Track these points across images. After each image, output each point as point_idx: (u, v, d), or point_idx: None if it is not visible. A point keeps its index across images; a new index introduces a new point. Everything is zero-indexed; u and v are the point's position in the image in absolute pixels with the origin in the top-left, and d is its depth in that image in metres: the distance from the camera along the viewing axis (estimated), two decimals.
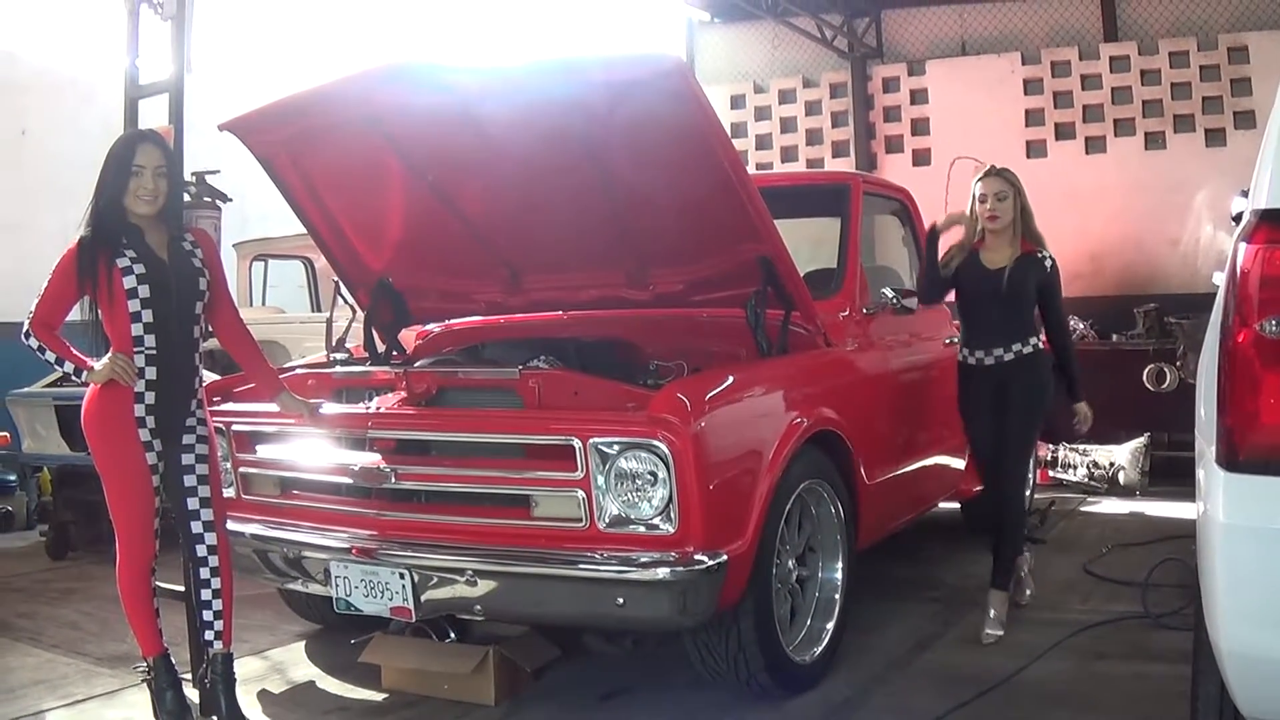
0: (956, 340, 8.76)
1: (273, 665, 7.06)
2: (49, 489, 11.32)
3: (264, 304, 13.38)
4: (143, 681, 5.96)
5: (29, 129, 14.22)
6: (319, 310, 12.73)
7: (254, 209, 9.84)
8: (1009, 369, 7.29)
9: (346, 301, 7.76)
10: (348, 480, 6.10)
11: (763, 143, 16.92)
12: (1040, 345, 7.37)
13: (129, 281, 5.52)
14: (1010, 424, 7.35)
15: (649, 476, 5.32)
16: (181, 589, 6.42)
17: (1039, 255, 7.39)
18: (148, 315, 5.55)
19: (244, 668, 6.41)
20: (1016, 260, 7.30)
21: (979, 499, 8.79)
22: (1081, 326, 14.18)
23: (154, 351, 5.58)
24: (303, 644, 7.43)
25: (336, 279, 7.79)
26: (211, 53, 14.36)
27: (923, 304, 7.95)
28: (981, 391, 7.41)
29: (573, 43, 19.95)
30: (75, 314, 5.74)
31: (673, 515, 5.30)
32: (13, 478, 11.94)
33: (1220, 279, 3.97)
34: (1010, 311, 7.30)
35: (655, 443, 5.26)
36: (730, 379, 5.81)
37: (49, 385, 10.47)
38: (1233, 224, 5.27)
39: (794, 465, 5.94)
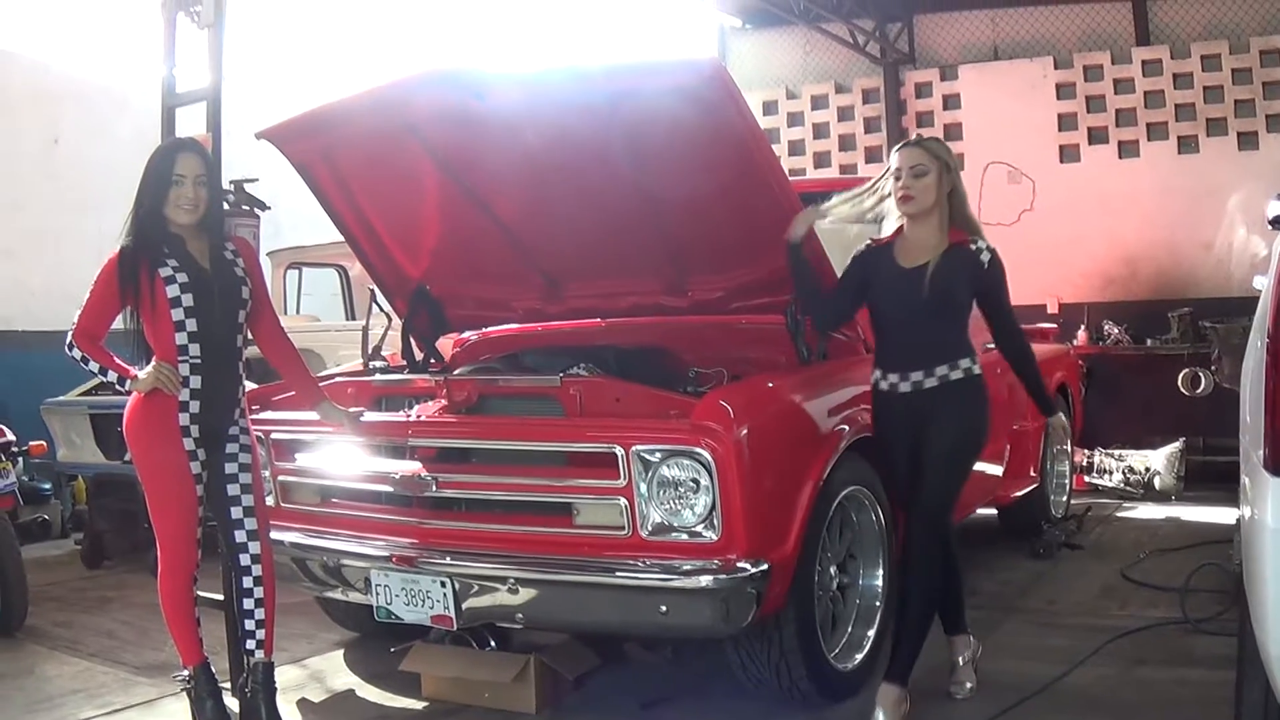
0: (993, 347, 8.76)
1: (312, 674, 7.07)
2: (84, 497, 11.33)
3: (298, 312, 13.39)
4: (182, 690, 5.96)
5: (62, 138, 14.26)
6: (353, 318, 12.73)
7: (287, 217, 9.87)
8: (932, 400, 5.86)
9: (382, 309, 7.75)
10: (388, 488, 6.11)
11: (795, 148, 16.90)
12: (976, 370, 5.93)
13: (172, 291, 5.52)
14: (926, 473, 5.94)
15: (691, 484, 5.31)
16: (221, 598, 6.42)
17: (972, 246, 5.89)
18: (191, 324, 5.55)
19: (283, 676, 6.39)
20: (942, 255, 5.86)
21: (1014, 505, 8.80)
22: (1116, 331, 14.16)
23: (198, 360, 5.59)
24: (341, 652, 7.43)
25: (372, 287, 7.79)
26: (246, 60, 14.38)
27: (826, 331, 6.55)
28: (898, 428, 5.99)
29: (607, 50, 19.96)
30: (117, 323, 5.74)
31: (715, 523, 5.30)
32: (48, 486, 11.97)
33: (1262, 283, 3.95)
34: (934, 322, 5.87)
35: (698, 450, 5.25)
36: (771, 386, 5.81)
37: (84, 394, 10.48)
38: (1269, 227, 5.24)
39: (836, 472, 5.92)
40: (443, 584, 5.74)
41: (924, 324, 5.87)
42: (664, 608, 5.29)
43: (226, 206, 6.71)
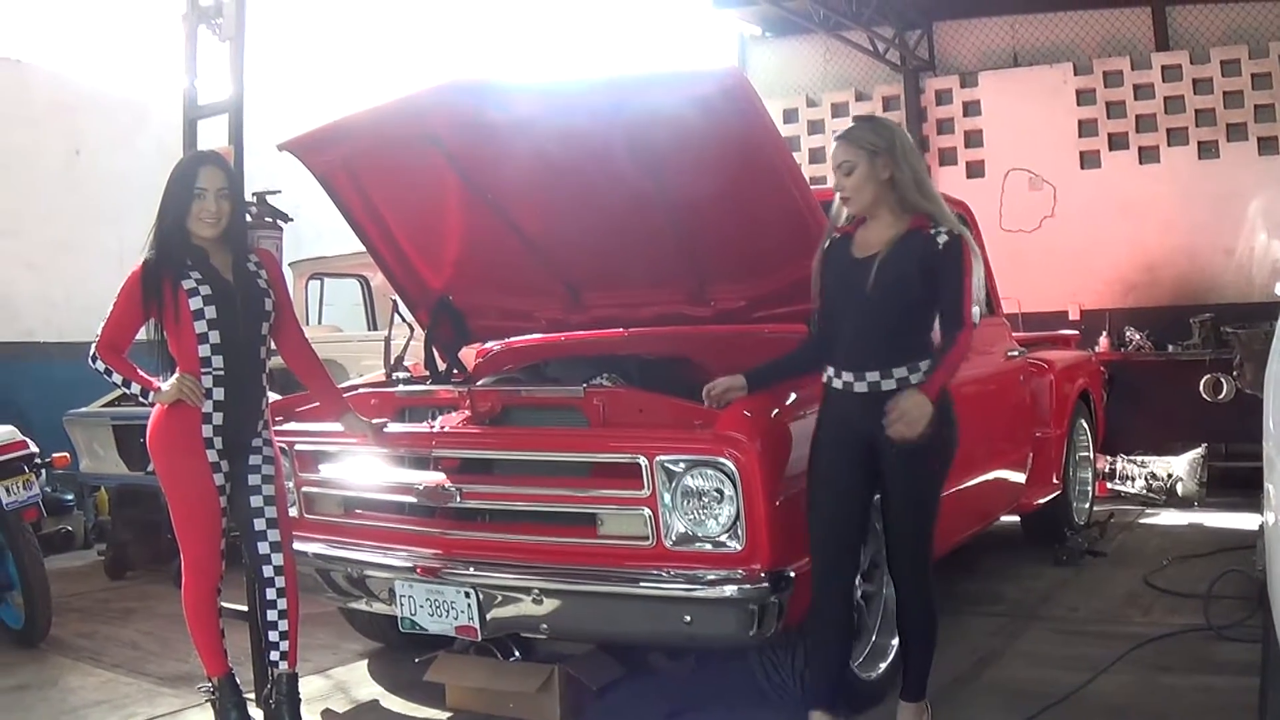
0: (1015, 355, 8.75)
1: (336, 684, 7.08)
2: (107, 508, 11.34)
3: (320, 323, 13.41)
4: (206, 701, 6.00)
5: (82, 149, 14.29)
6: (375, 328, 12.76)
7: (309, 228, 9.88)
8: (882, 405, 5.23)
9: (404, 319, 7.77)
10: (412, 499, 6.11)
11: (816, 156, 16.84)
12: None
13: (195, 303, 5.54)
14: (893, 501, 5.47)
15: (715, 494, 5.31)
16: (245, 609, 6.43)
17: (931, 230, 5.31)
18: (215, 336, 5.58)
19: (307, 687, 6.39)
20: (894, 243, 5.36)
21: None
22: (1137, 337, 14.13)
23: (221, 372, 5.61)
24: (365, 663, 7.45)
25: (394, 297, 7.79)
26: (267, 72, 14.42)
27: None
28: (848, 430, 5.40)
29: (628, 60, 19.98)
30: (140, 334, 5.76)
31: (740, 533, 5.30)
32: (71, 497, 11.97)
33: None
34: (887, 317, 5.34)
35: (722, 460, 5.25)
36: (794, 395, 5.78)
37: (106, 405, 10.51)
38: None
39: None
40: (467, 595, 5.75)
41: (876, 319, 5.35)
42: (688, 618, 5.29)
43: (249, 218, 6.71)
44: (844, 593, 5.48)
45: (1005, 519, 9.26)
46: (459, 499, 5.90)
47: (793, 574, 5.36)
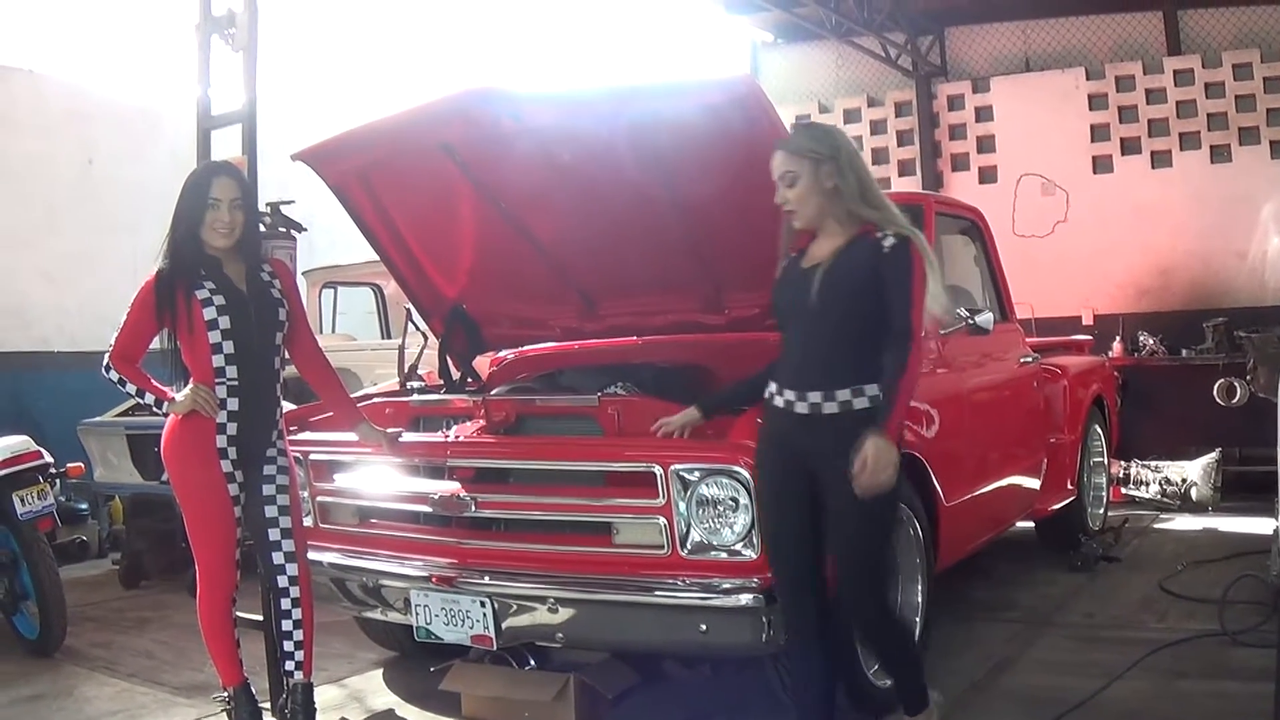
0: (1029, 360, 8.74)
1: (351, 693, 7.08)
2: (121, 517, 11.35)
3: (334, 331, 13.41)
4: (222, 711, 6.01)
5: (97, 159, 14.34)
6: (388, 337, 12.76)
7: (322, 236, 9.89)
8: (833, 432, 4.96)
9: (418, 328, 7.77)
10: (427, 509, 6.12)
11: None
12: None
13: (209, 313, 5.55)
14: (837, 522, 5.06)
15: (730, 502, 5.32)
16: (260, 618, 6.43)
17: (877, 234, 5.01)
18: (229, 346, 5.59)
19: (322, 696, 6.40)
20: (839, 252, 5.08)
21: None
22: (1151, 342, 14.11)
23: (235, 382, 5.62)
24: (380, 672, 7.45)
25: (408, 306, 7.80)
26: (280, 81, 14.44)
27: None
28: (785, 451, 5.15)
29: (641, 67, 20.01)
30: (154, 343, 5.78)
31: (755, 541, 5.31)
32: (85, 506, 12.00)
33: None
34: (830, 333, 5.04)
35: (737, 469, 5.25)
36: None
37: (121, 414, 10.52)
38: None
39: None
40: (482, 604, 5.76)
41: (819, 333, 5.06)
42: (704, 626, 5.30)
43: (263, 228, 6.72)
44: (813, 607, 5.19)
45: (1020, 525, 9.23)
46: (474, 508, 5.91)
47: None
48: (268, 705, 6.14)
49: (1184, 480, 12.40)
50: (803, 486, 5.09)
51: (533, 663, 6.36)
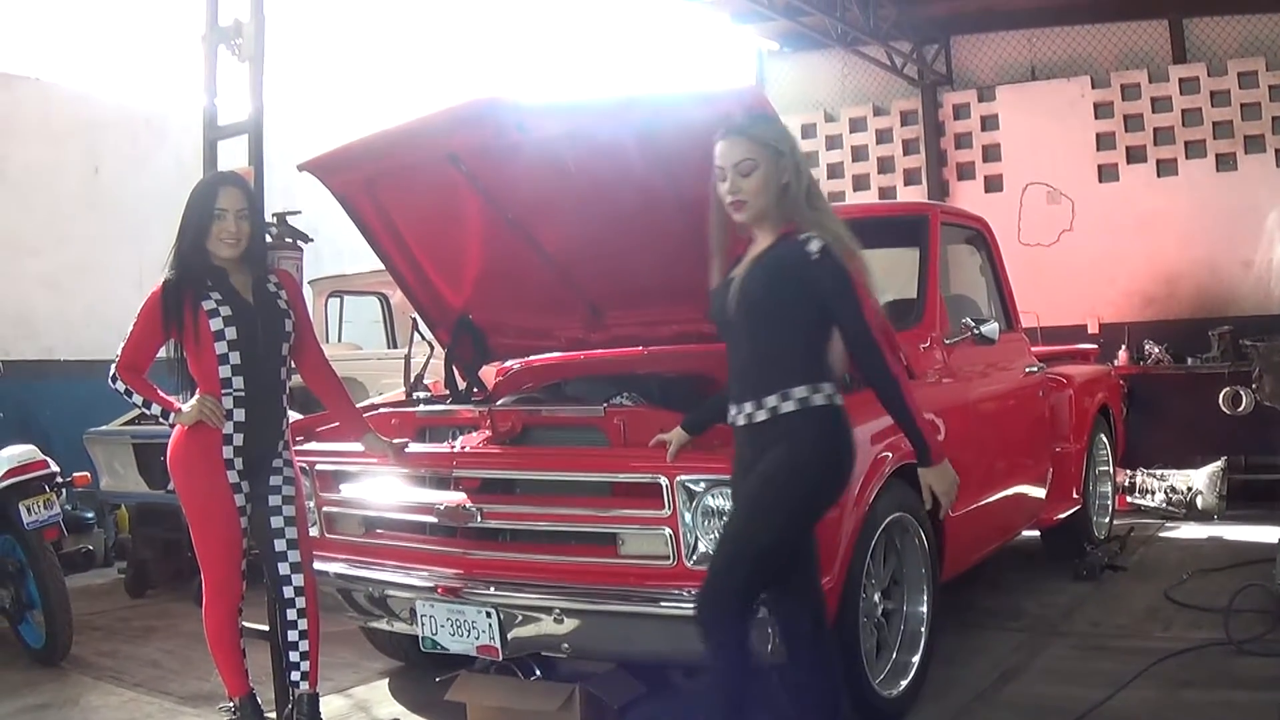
0: (1034, 369, 8.75)
1: (357, 703, 7.08)
2: (127, 526, 11.36)
3: (340, 340, 13.43)
4: None
5: (103, 167, 14.33)
6: (394, 346, 12.76)
7: (328, 246, 9.90)
8: (763, 439, 4.88)
9: (424, 338, 7.78)
10: (433, 519, 6.13)
11: (834, 171, 16.86)
12: (818, 402, 4.83)
13: (215, 324, 5.57)
14: (731, 514, 5.07)
15: None
16: (266, 628, 6.45)
17: (800, 237, 4.81)
18: (235, 357, 5.60)
19: (328, 706, 6.42)
20: (759, 258, 4.95)
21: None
22: (1156, 350, 14.11)
23: (241, 393, 5.64)
24: (386, 681, 7.45)
25: (414, 316, 7.80)
26: (287, 91, 14.48)
27: None
28: (739, 465, 5.05)
29: (647, 76, 20.05)
30: (160, 352, 5.79)
31: None
32: (91, 515, 11.99)
33: None
34: (755, 339, 4.91)
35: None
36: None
37: (126, 423, 10.52)
38: None
39: (880, 499, 5.93)
40: (488, 614, 5.76)
41: (746, 342, 4.94)
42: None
43: (269, 239, 6.73)
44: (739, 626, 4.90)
45: (1025, 534, 9.25)
46: (480, 519, 5.92)
47: None
48: (273, 715, 6.18)
49: (1189, 489, 12.40)
50: None
51: (538, 673, 6.35)
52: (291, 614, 5.87)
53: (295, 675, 5.92)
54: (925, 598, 6.52)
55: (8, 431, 9.80)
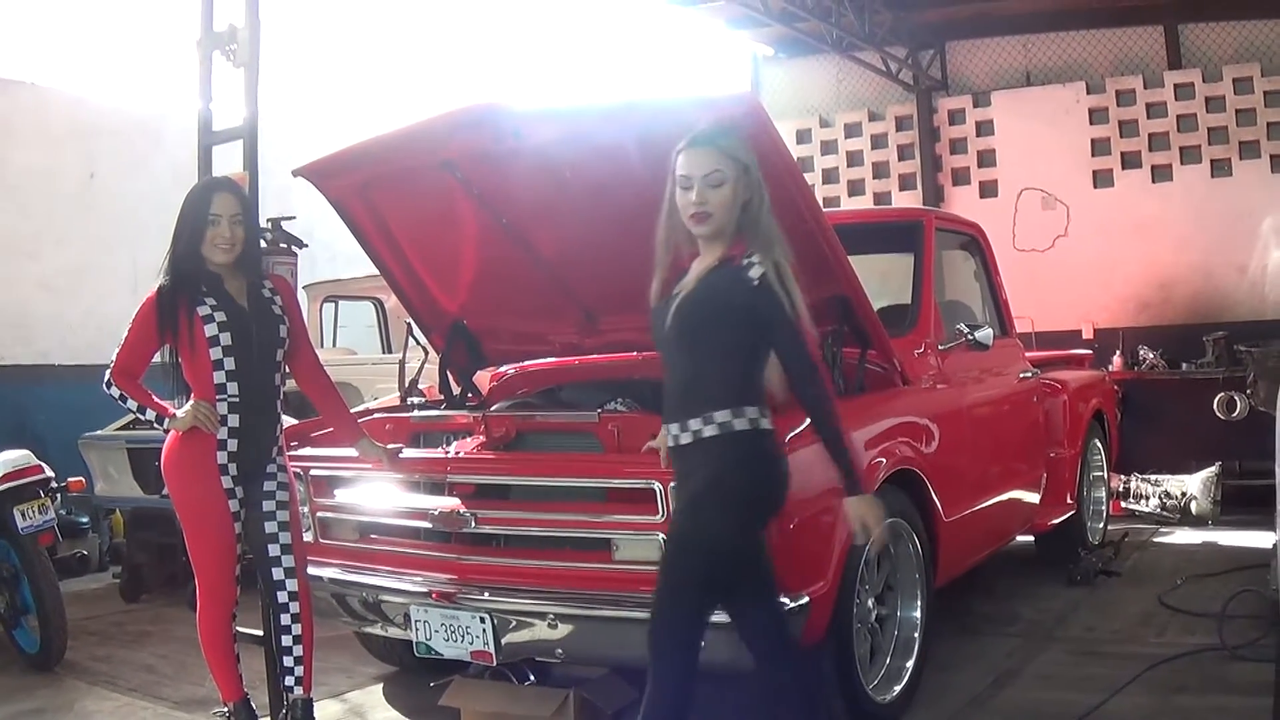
0: (1029, 375, 8.76)
1: (351, 708, 7.09)
2: (122, 531, 11.36)
3: (334, 345, 13.44)
4: None
5: (98, 173, 14.36)
6: (389, 351, 12.77)
7: (322, 250, 9.90)
8: (688, 465, 4.82)
9: (419, 343, 7.78)
10: (427, 524, 6.11)
11: (829, 177, 16.89)
12: (741, 426, 4.68)
13: (210, 329, 5.57)
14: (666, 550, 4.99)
15: None
16: (260, 633, 6.45)
17: (743, 261, 4.71)
18: (230, 363, 5.61)
19: (322, 711, 6.41)
20: (701, 277, 4.83)
21: None
22: (1151, 356, 14.12)
23: (236, 399, 5.64)
24: (380, 687, 7.45)
25: (409, 320, 7.81)
26: (282, 97, 14.48)
27: None
28: (676, 491, 5.08)
29: (642, 80, 20.07)
30: (155, 357, 5.79)
31: None
32: (85, 520, 12.00)
33: None
34: (687, 362, 4.81)
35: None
36: (809, 420, 5.78)
37: (121, 428, 10.52)
38: None
39: None
40: (482, 619, 5.75)
41: (678, 363, 4.86)
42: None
43: (264, 244, 6.73)
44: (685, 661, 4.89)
45: (1020, 539, 9.25)
46: (474, 524, 5.90)
47: (807, 599, 5.36)
48: None
49: (1184, 494, 12.39)
50: None
51: (532, 678, 6.36)
52: (286, 619, 5.86)
53: (289, 680, 5.92)
54: (919, 603, 6.53)
55: (2, 436, 9.83)
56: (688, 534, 4.77)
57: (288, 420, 6.36)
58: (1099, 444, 10.41)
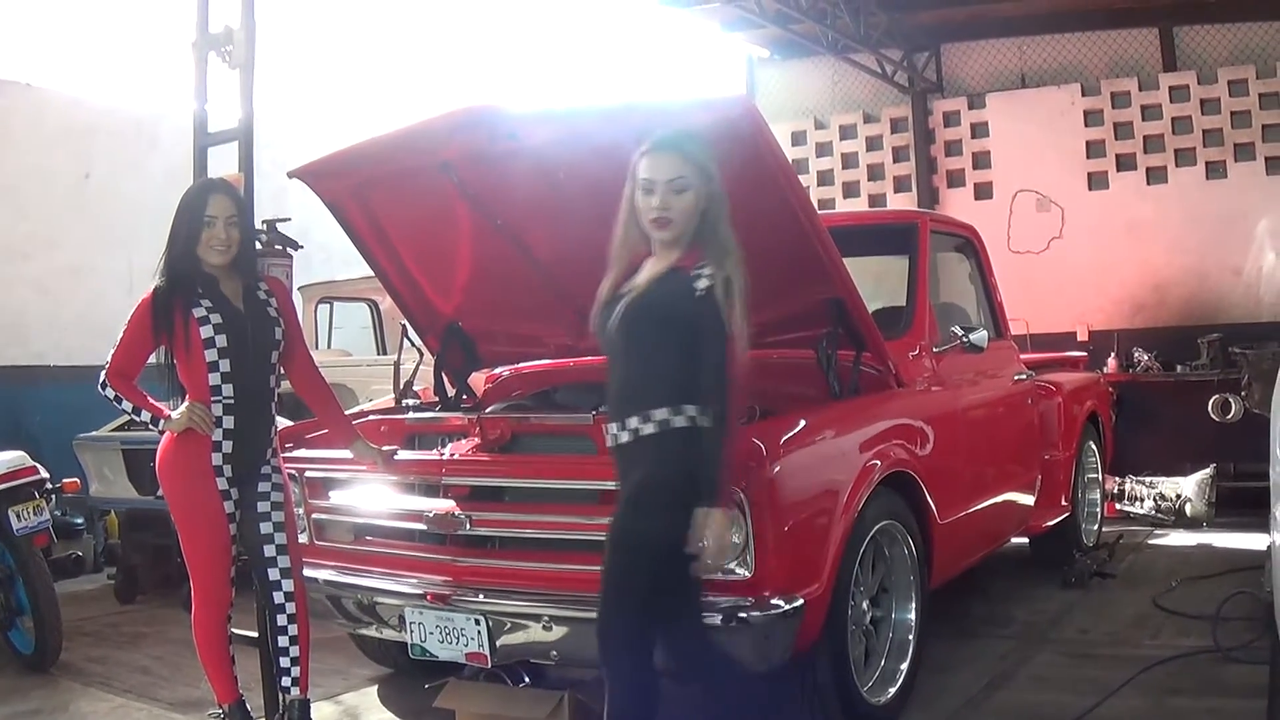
0: (1024, 377, 8.76)
1: (346, 710, 7.09)
2: (116, 532, 11.35)
3: (329, 347, 13.43)
4: None
5: (93, 173, 14.36)
6: (384, 352, 12.77)
7: (317, 251, 9.90)
8: (626, 462, 4.89)
9: (414, 344, 7.78)
10: (422, 526, 6.11)
11: (824, 179, 16.91)
12: (679, 424, 4.75)
13: (206, 331, 5.57)
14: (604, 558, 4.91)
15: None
16: (255, 635, 6.44)
17: (694, 273, 4.77)
18: (225, 365, 5.61)
19: (317, 712, 6.38)
20: (653, 281, 4.89)
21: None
22: (1146, 358, 14.12)
23: (231, 400, 5.64)
24: (375, 688, 7.44)
25: (404, 322, 7.81)
26: (276, 97, 14.47)
27: None
28: (619, 489, 4.99)
29: (637, 82, 20.05)
30: (150, 358, 5.79)
31: (749, 560, 5.31)
32: (80, 521, 12.00)
33: None
34: (630, 364, 4.88)
35: (732, 488, 5.24)
36: (804, 422, 5.78)
37: (116, 429, 10.52)
38: None
39: (869, 507, 5.93)
40: (477, 621, 5.74)
41: (621, 364, 4.92)
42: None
43: (259, 246, 6.73)
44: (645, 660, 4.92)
45: (1014, 541, 9.25)
46: (469, 526, 5.91)
47: (802, 601, 5.35)
48: None
49: (1178, 496, 12.39)
50: None
51: (527, 680, 6.35)
52: (281, 620, 5.87)
53: (285, 681, 5.93)
54: (914, 605, 6.53)
55: None
56: (627, 532, 4.81)
57: (282, 422, 6.35)
58: (1094, 446, 10.42)
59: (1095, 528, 10.57)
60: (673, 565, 4.79)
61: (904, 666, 6.41)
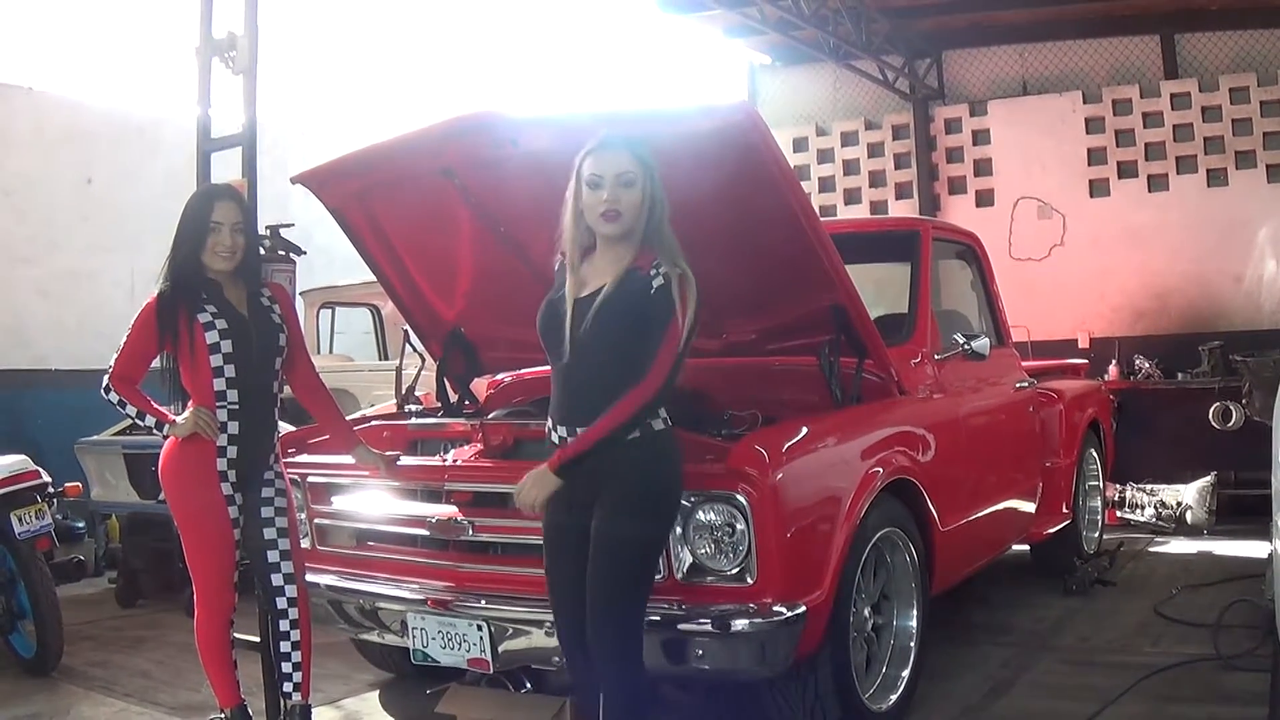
0: (1025, 385, 8.75)
1: (347, 715, 7.09)
2: (118, 536, 11.36)
3: (331, 351, 13.43)
4: None
5: (95, 177, 14.37)
6: (386, 358, 12.78)
7: (319, 256, 9.91)
8: (592, 469, 4.85)
9: (416, 350, 7.78)
10: (424, 532, 6.11)
11: (825, 185, 16.91)
12: (664, 424, 4.93)
13: (210, 336, 5.58)
14: (591, 557, 4.89)
15: (727, 528, 5.32)
16: (257, 639, 6.44)
17: (650, 271, 4.83)
18: (229, 370, 5.62)
19: (319, 717, 6.40)
20: (617, 284, 4.87)
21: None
22: (1147, 365, 14.13)
23: (235, 406, 5.65)
24: (377, 694, 7.44)
25: (406, 328, 7.81)
26: (279, 103, 14.49)
27: None
28: (559, 499, 4.98)
29: (640, 89, 20.09)
30: (153, 362, 5.80)
31: (751, 567, 5.30)
32: (82, 525, 11.99)
33: None
34: (595, 365, 4.86)
35: (735, 495, 5.25)
36: (806, 429, 5.77)
37: (118, 433, 10.53)
38: None
39: (870, 514, 5.92)
40: (479, 627, 5.74)
41: (586, 364, 4.88)
42: (700, 651, 5.28)
43: (262, 251, 6.74)
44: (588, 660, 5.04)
45: (1015, 548, 9.23)
46: (471, 532, 5.91)
47: (804, 608, 5.34)
48: None
49: (1179, 504, 12.41)
50: (582, 526, 4.92)
51: (529, 686, 6.33)
52: (284, 625, 5.87)
53: (287, 686, 5.93)
54: (915, 612, 6.52)
55: None
56: (614, 538, 4.85)
57: (285, 427, 6.36)
58: (1095, 453, 10.41)
59: (1096, 535, 10.56)
60: (654, 565, 5.04)
61: (905, 673, 6.40)
